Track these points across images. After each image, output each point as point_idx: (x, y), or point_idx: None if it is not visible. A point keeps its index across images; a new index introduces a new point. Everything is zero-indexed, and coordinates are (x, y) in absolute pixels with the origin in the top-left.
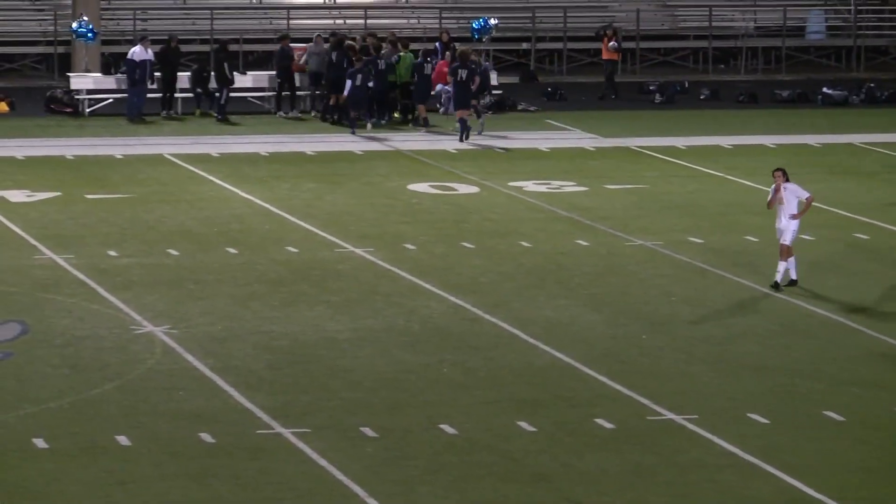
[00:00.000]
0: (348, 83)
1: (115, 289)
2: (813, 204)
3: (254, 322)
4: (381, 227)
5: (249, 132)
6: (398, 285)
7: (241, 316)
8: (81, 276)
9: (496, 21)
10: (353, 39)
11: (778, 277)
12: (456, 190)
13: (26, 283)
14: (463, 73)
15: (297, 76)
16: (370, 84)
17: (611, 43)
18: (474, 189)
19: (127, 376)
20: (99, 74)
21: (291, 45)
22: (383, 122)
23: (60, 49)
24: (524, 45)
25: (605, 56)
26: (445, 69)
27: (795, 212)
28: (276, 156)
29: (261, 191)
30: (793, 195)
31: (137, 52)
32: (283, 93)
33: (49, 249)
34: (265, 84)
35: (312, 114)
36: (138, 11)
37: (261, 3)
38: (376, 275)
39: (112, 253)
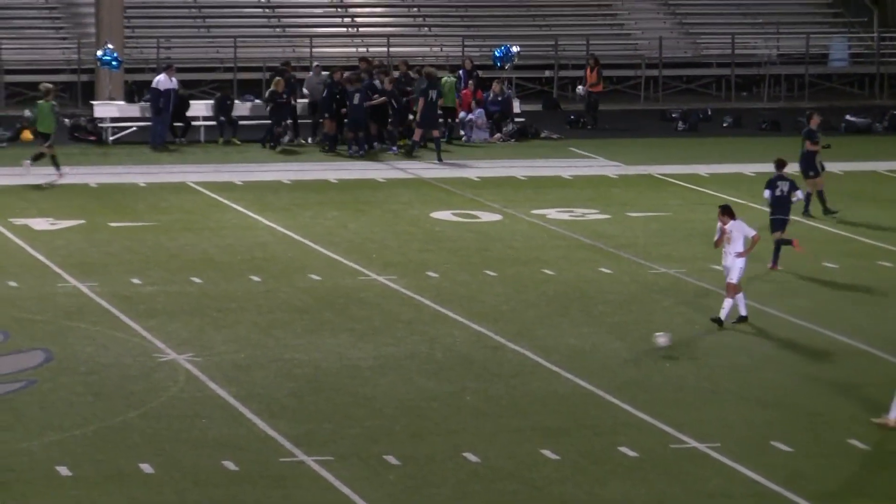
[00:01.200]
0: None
1: (138, 316)
2: (836, 232)
3: (277, 350)
4: (404, 254)
5: (272, 160)
6: (421, 313)
7: (264, 344)
8: (105, 304)
9: (518, 49)
10: (367, 63)
11: (722, 314)
12: (479, 218)
13: (50, 311)
14: (433, 94)
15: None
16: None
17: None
18: (497, 217)
19: (150, 404)
20: (123, 102)
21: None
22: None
23: (84, 77)
24: (547, 73)
25: (589, 87)
26: (470, 97)
27: (741, 249)
28: (298, 184)
29: (284, 218)
30: (739, 233)
31: (162, 80)
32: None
33: (73, 277)
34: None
35: (308, 140)
36: (162, 40)
37: (284, 31)
38: (399, 302)
39: (136, 281)
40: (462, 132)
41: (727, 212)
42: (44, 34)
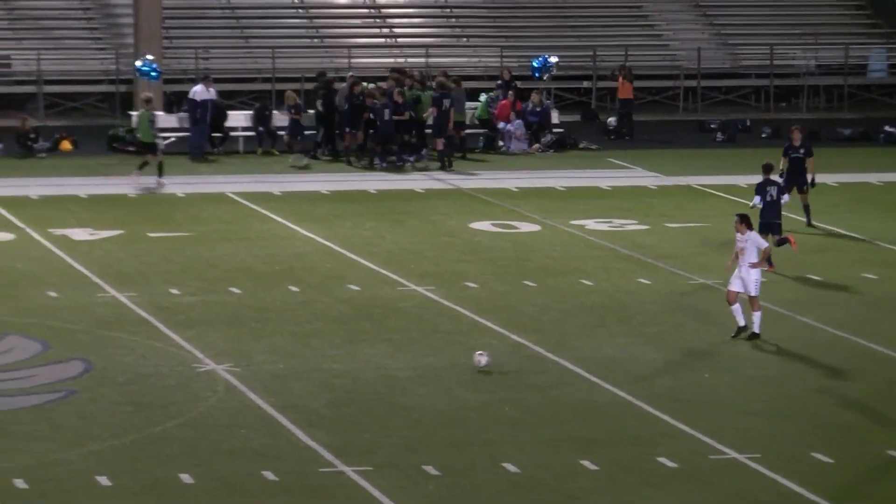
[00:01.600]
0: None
1: (177, 326)
2: (876, 243)
3: (315, 360)
4: (443, 265)
5: (310, 170)
6: (459, 323)
7: (302, 354)
8: (144, 314)
9: (556, 59)
10: (401, 73)
11: (756, 328)
12: (517, 228)
13: (89, 321)
14: (446, 103)
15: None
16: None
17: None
18: (535, 227)
19: (189, 414)
20: (161, 113)
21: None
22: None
23: (122, 88)
24: (585, 84)
25: (620, 95)
26: (509, 108)
27: (755, 260)
28: (337, 194)
29: (322, 229)
30: (753, 245)
31: (199, 91)
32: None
33: (112, 287)
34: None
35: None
36: (200, 50)
37: (322, 41)
38: (437, 313)
39: (174, 291)
40: (501, 143)
41: (745, 221)
42: (82, 45)
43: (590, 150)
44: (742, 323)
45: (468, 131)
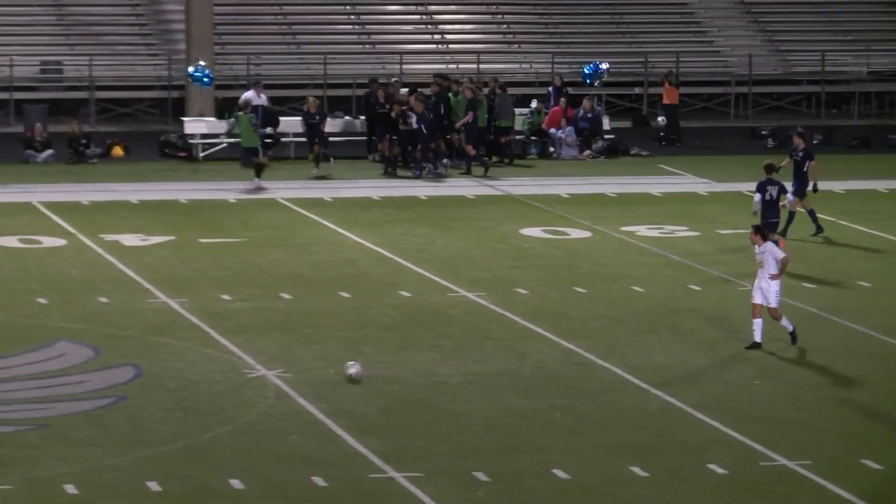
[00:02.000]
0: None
1: (228, 332)
2: None
3: (366, 366)
4: (493, 271)
5: (361, 176)
6: (510, 330)
7: (353, 360)
8: (194, 320)
9: (607, 65)
10: (443, 78)
11: (790, 329)
12: (568, 234)
13: (140, 327)
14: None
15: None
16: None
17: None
18: (586, 234)
19: (240, 420)
20: (213, 119)
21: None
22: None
23: (174, 94)
24: (636, 90)
25: (665, 101)
26: (560, 114)
27: (774, 272)
28: (388, 200)
29: (373, 235)
30: (771, 256)
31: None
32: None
33: (162, 293)
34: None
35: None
36: (252, 56)
37: (374, 47)
38: (488, 319)
39: (225, 297)
40: (552, 149)
41: (760, 233)
42: (134, 50)
43: (641, 157)
44: (758, 340)
45: (516, 137)
